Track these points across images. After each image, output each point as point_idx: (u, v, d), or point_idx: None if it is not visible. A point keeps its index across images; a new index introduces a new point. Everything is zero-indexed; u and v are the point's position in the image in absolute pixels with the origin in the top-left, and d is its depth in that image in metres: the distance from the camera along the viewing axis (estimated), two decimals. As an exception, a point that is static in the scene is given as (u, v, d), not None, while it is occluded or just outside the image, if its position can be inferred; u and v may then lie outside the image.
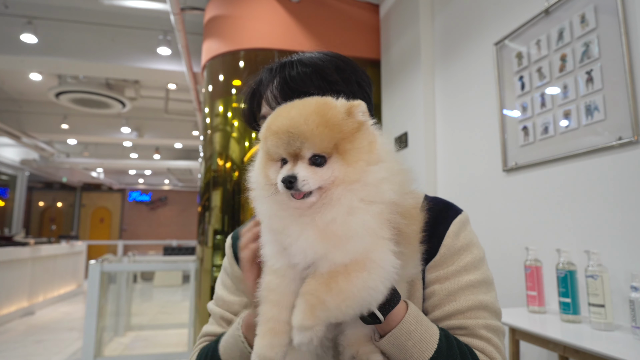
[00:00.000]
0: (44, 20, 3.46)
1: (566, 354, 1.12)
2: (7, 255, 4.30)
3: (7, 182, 8.02)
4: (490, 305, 0.57)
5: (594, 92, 1.34)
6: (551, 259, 1.44)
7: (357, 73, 0.63)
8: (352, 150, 0.44)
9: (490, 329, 0.56)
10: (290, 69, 0.60)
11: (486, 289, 0.58)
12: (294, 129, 0.43)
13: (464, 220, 0.63)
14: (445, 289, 0.58)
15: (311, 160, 0.44)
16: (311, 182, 0.43)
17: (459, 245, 0.60)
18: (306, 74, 0.58)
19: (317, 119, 0.44)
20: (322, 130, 0.43)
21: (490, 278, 0.60)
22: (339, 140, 0.44)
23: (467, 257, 0.59)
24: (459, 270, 0.58)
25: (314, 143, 0.43)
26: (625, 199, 1.23)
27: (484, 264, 0.60)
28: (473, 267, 0.59)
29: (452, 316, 0.57)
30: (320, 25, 2.85)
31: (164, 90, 5.23)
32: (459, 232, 0.61)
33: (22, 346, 3.52)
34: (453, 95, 2.16)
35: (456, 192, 2.10)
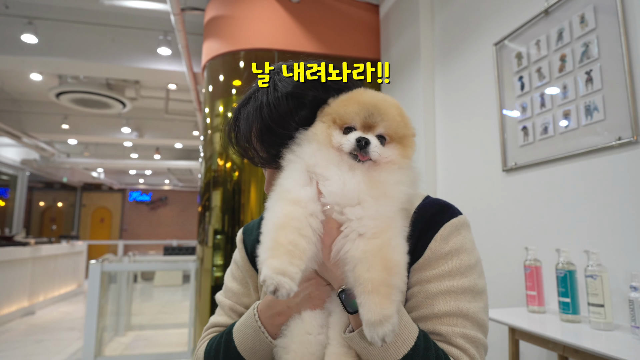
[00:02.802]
0: (44, 20, 3.46)
1: (566, 353, 1.12)
2: (8, 255, 4.30)
3: (7, 182, 8.03)
4: (472, 315, 0.53)
5: (593, 92, 1.34)
6: (551, 259, 1.45)
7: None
8: (409, 147, 0.54)
9: (467, 339, 0.53)
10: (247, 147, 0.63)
11: (472, 298, 0.55)
12: (380, 106, 0.52)
13: (459, 224, 0.59)
14: (424, 291, 0.56)
15: (378, 136, 0.52)
16: (379, 151, 0.51)
17: (447, 249, 0.57)
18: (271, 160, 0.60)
19: (398, 110, 0.53)
20: (400, 120, 0.53)
21: (479, 288, 0.56)
22: (406, 133, 0.53)
23: (453, 262, 0.56)
24: (442, 275, 0.56)
25: (389, 125, 0.52)
26: (625, 198, 1.24)
27: (473, 272, 0.56)
28: (459, 273, 0.56)
29: (427, 319, 0.54)
30: (320, 26, 2.85)
31: (164, 91, 5.24)
32: (449, 237, 0.58)
33: (23, 346, 3.53)
34: (453, 95, 2.16)
35: (456, 191, 2.10)
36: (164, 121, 6.22)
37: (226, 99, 2.87)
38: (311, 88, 0.57)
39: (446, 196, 2.18)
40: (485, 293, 0.57)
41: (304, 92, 0.57)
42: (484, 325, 0.55)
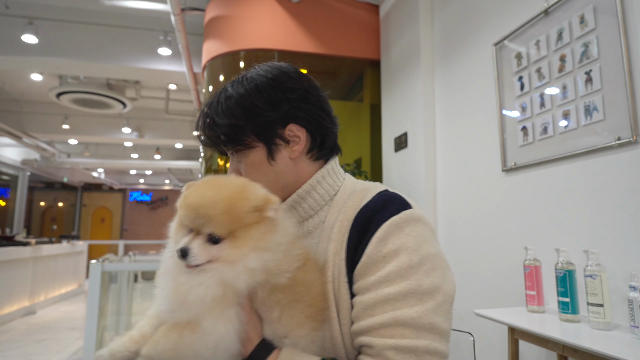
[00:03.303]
0: (44, 20, 3.47)
1: (565, 353, 1.12)
2: (9, 254, 4.31)
3: (8, 182, 8.04)
4: (411, 322, 0.49)
5: (593, 92, 1.34)
6: (550, 259, 1.45)
7: (285, 90, 0.60)
8: (244, 237, 0.51)
9: (400, 350, 0.48)
10: (202, 132, 0.64)
11: (416, 300, 0.50)
12: (201, 210, 0.50)
13: (401, 221, 0.54)
14: (363, 301, 0.52)
15: (209, 237, 0.51)
16: (200, 258, 0.50)
17: (385, 252, 0.53)
18: (211, 137, 0.62)
19: (224, 206, 0.50)
20: (224, 218, 0.50)
21: (425, 287, 0.51)
22: (235, 228, 0.50)
23: (391, 265, 0.52)
24: (380, 281, 0.52)
25: (214, 226, 0.50)
26: (624, 198, 1.24)
27: (415, 272, 0.52)
28: (398, 276, 0.51)
29: (365, 333, 0.51)
30: (320, 26, 2.86)
31: (165, 91, 5.24)
32: (387, 237, 0.53)
33: (23, 345, 3.53)
34: (453, 95, 2.16)
35: (455, 192, 2.10)
36: (165, 121, 6.23)
37: (226, 99, 2.87)
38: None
39: (445, 196, 2.18)
40: (439, 290, 0.52)
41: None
42: (432, 327, 0.50)
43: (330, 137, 0.64)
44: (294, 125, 0.61)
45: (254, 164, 0.62)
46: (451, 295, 0.54)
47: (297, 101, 0.61)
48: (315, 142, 0.63)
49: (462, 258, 2.00)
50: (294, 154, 0.61)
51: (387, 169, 2.69)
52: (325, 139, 0.64)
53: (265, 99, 0.59)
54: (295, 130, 0.61)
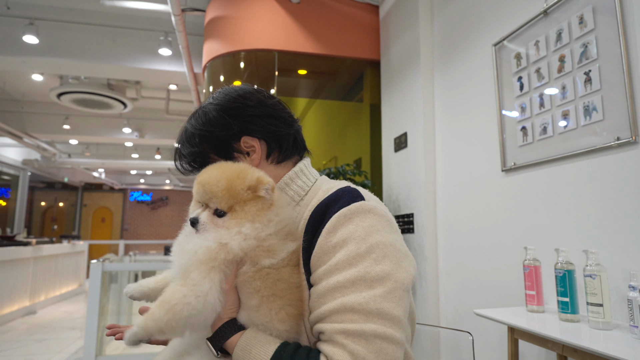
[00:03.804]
0: (45, 21, 3.48)
1: (565, 352, 1.12)
2: (9, 254, 4.32)
3: (9, 182, 8.05)
4: (359, 307, 0.50)
5: (592, 92, 1.35)
6: (550, 259, 1.45)
7: (230, 111, 0.68)
8: (240, 212, 0.58)
9: (348, 334, 0.50)
10: (178, 164, 0.73)
11: (364, 287, 0.52)
12: (207, 187, 0.59)
13: (350, 213, 0.56)
14: (316, 291, 0.55)
15: (215, 211, 0.59)
16: (207, 227, 0.58)
17: (334, 242, 0.55)
18: (184, 166, 0.72)
19: (224, 184, 0.58)
20: (225, 194, 0.58)
21: (375, 273, 0.52)
22: (234, 203, 0.58)
23: (340, 254, 0.54)
24: (330, 270, 0.54)
25: (218, 201, 0.59)
26: (624, 198, 1.24)
27: (364, 260, 0.53)
28: (347, 264, 0.53)
29: (319, 320, 0.54)
30: (320, 26, 2.86)
31: (165, 91, 5.25)
32: (336, 228, 0.56)
33: (24, 345, 3.54)
34: (452, 95, 2.17)
35: (455, 191, 2.10)
36: (165, 121, 6.24)
37: (227, 99, 2.88)
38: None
39: (445, 196, 2.18)
40: (389, 277, 0.53)
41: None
42: (381, 312, 0.51)
43: (286, 140, 0.70)
44: (247, 137, 0.68)
45: None
46: (405, 283, 0.54)
47: (244, 116, 0.68)
48: (271, 147, 0.69)
49: (462, 258, 2.00)
50: (254, 162, 0.68)
51: (386, 169, 2.69)
52: (281, 142, 0.70)
53: (215, 124, 0.68)
54: (249, 141, 0.68)
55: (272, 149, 0.69)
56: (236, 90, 0.71)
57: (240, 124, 0.67)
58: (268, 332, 0.56)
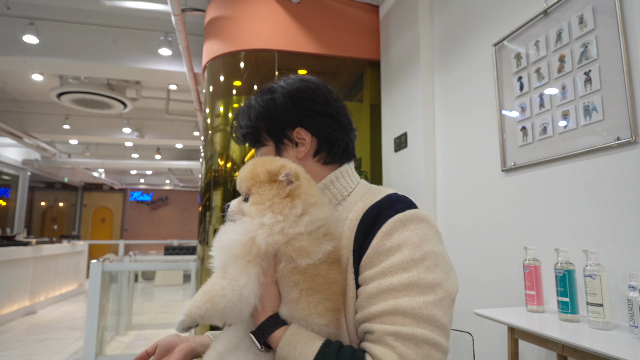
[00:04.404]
0: (45, 21, 3.48)
1: (565, 352, 1.12)
2: (9, 254, 4.32)
3: (9, 182, 8.05)
4: (411, 311, 0.51)
5: (592, 92, 1.35)
6: (550, 259, 1.45)
7: (297, 100, 0.70)
8: (256, 195, 0.60)
9: (399, 337, 0.51)
10: (232, 131, 0.77)
11: (417, 292, 0.53)
12: (240, 175, 0.63)
13: (405, 219, 0.58)
14: (366, 291, 0.56)
15: (245, 197, 0.62)
16: (234, 210, 0.62)
17: (389, 245, 0.56)
18: (238, 136, 0.75)
19: (250, 169, 0.62)
20: (247, 177, 0.62)
21: (427, 281, 0.53)
22: (251, 185, 0.61)
23: (394, 258, 0.55)
24: (383, 272, 0.55)
25: (244, 185, 0.62)
26: (624, 198, 1.24)
27: (417, 267, 0.54)
28: (401, 268, 0.54)
29: (367, 320, 0.55)
30: (320, 26, 2.86)
31: (165, 91, 5.25)
32: (392, 232, 0.57)
33: (24, 345, 3.54)
34: (452, 95, 2.17)
35: (455, 191, 2.10)
36: (165, 121, 6.24)
37: (226, 99, 2.88)
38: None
39: (445, 196, 2.18)
40: (440, 286, 0.54)
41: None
42: (432, 319, 0.52)
43: (338, 144, 0.71)
44: (301, 129, 0.69)
45: None
46: (452, 294, 0.56)
47: (307, 110, 0.69)
48: (321, 147, 0.70)
49: (462, 258, 2.00)
50: (300, 154, 0.69)
51: (386, 169, 2.69)
52: (332, 145, 0.71)
53: (277, 107, 0.69)
54: (302, 134, 0.69)
55: (322, 149, 0.70)
56: (308, 81, 0.73)
57: (300, 115, 0.69)
58: (308, 326, 0.56)
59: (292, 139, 0.69)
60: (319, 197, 0.61)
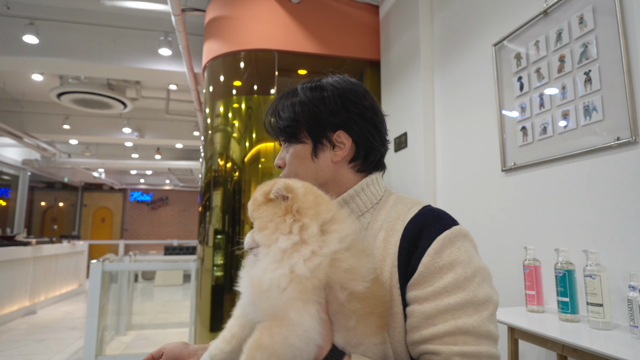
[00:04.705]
0: (45, 21, 3.48)
1: (565, 352, 1.12)
2: (9, 254, 4.32)
3: (9, 182, 8.05)
4: (472, 330, 0.53)
5: (592, 92, 1.35)
6: (550, 259, 1.45)
7: (346, 102, 0.67)
8: (257, 219, 0.56)
9: (465, 356, 0.52)
10: (267, 118, 0.73)
11: (473, 310, 0.54)
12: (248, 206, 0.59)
13: (453, 236, 0.58)
14: (423, 311, 0.55)
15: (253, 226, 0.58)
16: (248, 242, 0.57)
17: (441, 264, 0.56)
18: (273, 125, 0.71)
19: (251, 200, 0.58)
20: (250, 205, 0.58)
21: (480, 298, 0.55)
22: (252, 211, 0.57)
23: (448, 277, 0.55)
24: (439, 292, 0.55)
25: (250, 214, 0.58)
26: (624, 198, 1.24)
27: (470, 284, 0.56)
28: (455, 287, 0.55)
29: (429, 341, 0.55)
30: (320, 26, 2.86)
31: (165, 91, 5.25)
32: (442, 250, 0.57)
33: (24, 345, 3.54)
34: (452, 95, 2.17)
35: (455, 191, 2.10)
36: (165, 121, 6.24)
37: (226, 99, 2.88)
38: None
39: (445, 196, 2.18)
40: (490, 301, 0.56)
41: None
42: (489, 334, 0.54)
43: (375, 154, 0.70)
44: (342, 133, 0.67)
45: (299, 156, 0.68)
46: (497, 305, 0.58)
47: (353, 114, 0.67)
48: (359, 154, 0.68)
49: (462, 258, 2.00)
50: (336, 157, 0.67)
51: (387, 169, 2.69)
52: (369, 154, 0.69)
53: (327, 106, 0.67)
54: (343, 138, 0.67)
55: (359, 156, 0.68)
56: (359, 85, 0.71)
57: (346, 117, 0.67)
58: (362, 347, 0.55)
59: (331, 140, 0.67)
60: (336, 211, 0.57)
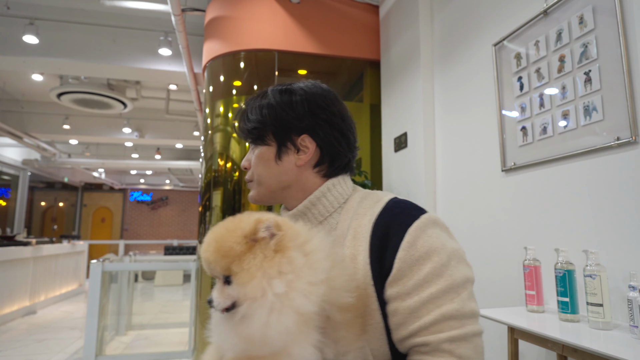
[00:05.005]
0: (45, 21, 3.48)
1: (565, 352, 1.12)
2: (9, 254, 4.32)
3: (8, 182, 8.05)
4: (456, 313, 0.55)
5: (592, 92, 1.35)
6: (550, 259, 1.45)
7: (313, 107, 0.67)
8: (242, 272, 0.48)
9: (454, 341, 0.54)
10: (236, 120, 0.73)
11: (454, 294, 0.56)
12: (204, 255, 0.51)
13: (423, 225, 0.59)
14: (407, 307, 0.56)
15: (224, 279, 0.50)
16: (221, 302, 0.50)
17: (417, 255, 0.57)
18: (241, 127, 0.71)
19: (214, 245, 0.50)
20: (217, 257, 0.49)
21: (458, 280, 0.57)
22: (228, 264, 0.49)
23: (426, 267, 0.56)
24: (420, 284, 0.56)
25: (217, 267, 0.50)
26: (623, 198, 1.24)
27: (447, 269, 0.57)
28: (435, 276, 0.56)
29: (417, 334, 0.56)
30: (320, 26, 2.86)
31: (165, 91, 5.25)
32: (415, 241, 0.57)
33: (24, 345, 3.54)
34: (452, 95, 2.17)
35: (455, 191, 2.10)
36: (165, 121, 6.24)
37: (226, 99, 2.88)
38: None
39: (445, 196, 2.18)
40: (468, 280, 0.58)
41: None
42: (471, 313, 0.56)
43: (341, 159, 0.70)
44: (307, 137, 0.67)
45: (263, 158, 0.69)
46: (474, 280, 0.61)
47: (319, 119, 0.67)
48: (323, 159, 0.69)
49: (462, 258, 2.00)
50: (300, 161, 0.67)
51: (386, 169, 2.69)
52: (334, 159, 0.69)
53: (293, 109, 0.67)
54: (307, 142, 0.68)
55: (324, 161, 0.69)
56: (328, 91, 0.71)
57: (311, 122, 0.67)
58: (350, 355, 0.55)
59: (295, 144, 0.68)
60: (306, 232, 0.54)
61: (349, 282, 0.53)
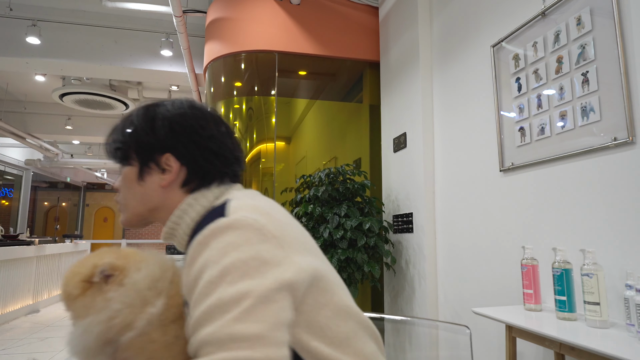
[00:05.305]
0: (48, 22, 3.50)
1: (562, 351, 1.14)
2: (13, 254, 4.35)
3: (12, 182, 8.09)
4: (210, 338, 0.46)
5: (589, 93, 1.36)
6: (547, 258, 1.46)
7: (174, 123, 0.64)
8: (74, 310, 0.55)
9: None
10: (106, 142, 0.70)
11: (218, 314, 0.47)
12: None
13: (204, 238, 0.52)
14: (188, 330, 0.52)
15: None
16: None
17: (193, 275, 0.51)
18: (107, 148, 0.69)
19: (62, 288, 0.57)
20: (62, 297, 0.57)
21: (227, 297, 0.47)
22: (69, 305, 0.56)
23: (199, 287, 0.50)
24: (193, 307, 0.50)
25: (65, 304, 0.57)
26: (620, 198, 1.25)
27: (218, 285, 0.48)
28: (203, 295, 0.49)
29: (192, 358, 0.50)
30: (320, 28, 2.87)
31: (167, 92, 5.28)
32: (194, 260, 0.52)
33: (27, 343, 3.57)
34: (451, 96, 2.18)
35: (453, 191, 2.12)
36: (166, 121, 6.26)
37: (227, 100, 2.90)
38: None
39: (444, 196, 2.20)
40: (247, 296, 0.47)
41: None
42: (233, 337, 0.45)
43: (212, 176, 0.65)
44: (170, 156, 0.64)
45: (126, 179, 0.66)
46: (266, 294, 0.48)
47: (182, 136, 0.64)
48: (191, 178, 0.64)
49: (460, 257, 2.01)
50: (164, 182, 0.64)
51: (386, 169, 2.70)
52: (205, 177, 0.65)
53: (154, 129, 0.64)
54: (171, 161, 0.64)
55: (192, 180, 0.64)
56: (198, 110, 0.67)
57: (173, 141, 0.64)
58: None
59: (159, 163, 0.64)
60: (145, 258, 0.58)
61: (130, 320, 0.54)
